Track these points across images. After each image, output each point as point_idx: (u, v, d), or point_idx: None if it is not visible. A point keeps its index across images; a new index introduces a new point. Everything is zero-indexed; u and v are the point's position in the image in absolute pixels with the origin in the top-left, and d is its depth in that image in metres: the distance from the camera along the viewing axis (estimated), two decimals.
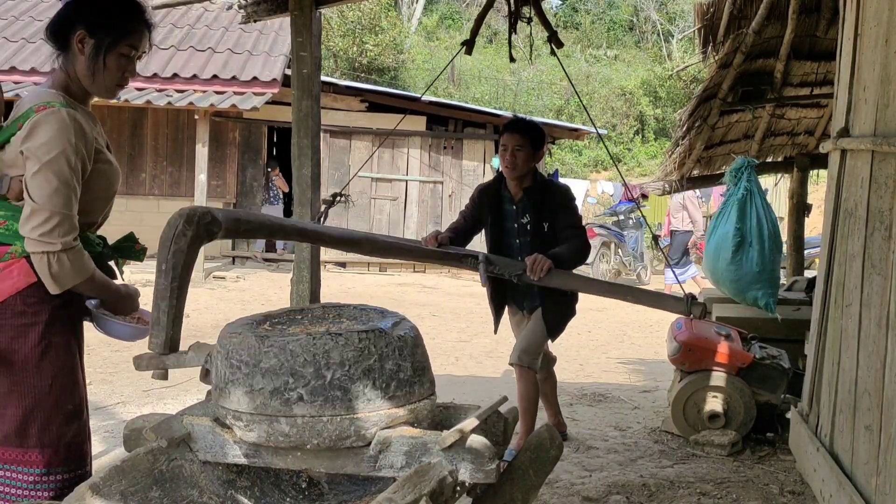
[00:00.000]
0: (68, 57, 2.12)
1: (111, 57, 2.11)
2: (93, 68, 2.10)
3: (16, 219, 2.02)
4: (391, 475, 1.77)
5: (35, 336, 2.04)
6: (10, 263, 2.02)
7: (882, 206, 2.58)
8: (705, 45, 5.76)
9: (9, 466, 2.04)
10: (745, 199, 4.68)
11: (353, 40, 22.65)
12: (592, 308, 9.96)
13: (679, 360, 4.34)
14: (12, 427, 2.03)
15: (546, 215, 3.80)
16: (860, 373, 2.68)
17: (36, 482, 2.03)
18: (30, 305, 2.03)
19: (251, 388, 1.77)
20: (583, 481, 3.65)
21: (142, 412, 4.25)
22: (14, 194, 2.03)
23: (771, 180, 11.76)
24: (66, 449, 2.08)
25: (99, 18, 2.09)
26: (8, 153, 2.03)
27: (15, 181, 2.03)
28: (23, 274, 2.02)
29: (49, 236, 1.95)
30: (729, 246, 4.61)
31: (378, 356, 1.80)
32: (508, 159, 3.79)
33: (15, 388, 2.03)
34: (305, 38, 4.12)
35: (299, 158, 4.20)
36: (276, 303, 8.98)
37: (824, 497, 2.89)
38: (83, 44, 2.09)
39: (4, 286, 2.01)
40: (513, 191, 3.88)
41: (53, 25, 2.13)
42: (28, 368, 2.04)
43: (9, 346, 2.02)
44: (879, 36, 2.70)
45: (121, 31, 2.11)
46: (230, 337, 1.86)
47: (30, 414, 2.03)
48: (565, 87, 25.58)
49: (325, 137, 12.27)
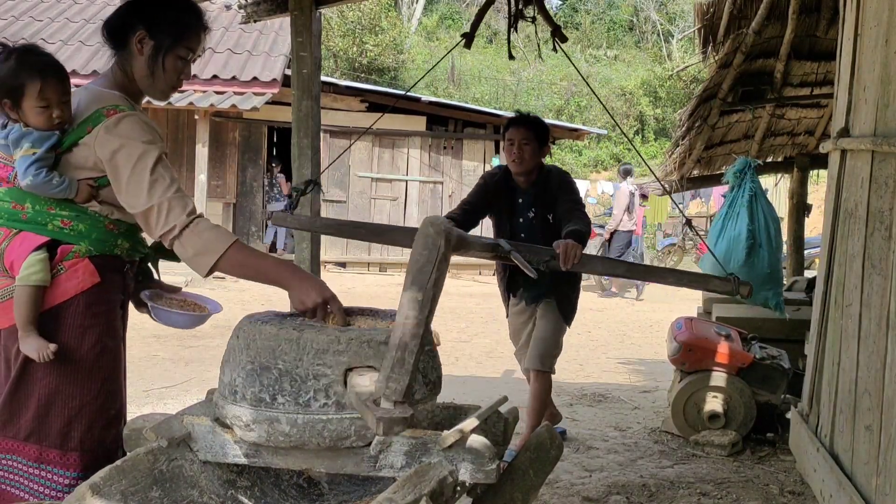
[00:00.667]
0: (124, 57, 2.10)
1: (170, 58, 2.09)
2: (152, 69, 2.08)
3: (80, 220, 2.02)
4: (391, 475, 1.77)
5: (93, 338, 2.04)
6: (74, 262, 2.02)
7: (882, 206, 2.58)
8: (705, 45, 5.76)
9: (47, 467, 2.02)
10: (752, 199, 4.68)
11: (353, 40, 22.66)
12: (592, 308, 9.96)
13: (679, 360, 4.34)
14: (56, 427, 2.02)
15: (549, 205, 3.76)
16: (860, 373, 2.68)
17: (71, 485, 2.01)
18: (91, 306, 2.04)
19: (251, 387, 1.77)
20: (583, 481, 3.65)
21: (142, 412, 4.25)
22: (81, 198, 2.02)
23: (771, 180, 11.76)
24: (104, 454, 2.06)
25: (159, 19, 2.08)
26: (76, 156, 2.01)
27: (83, 184, 2.02)
28: (87, 273, 2.02)
29: (165, 226, 1.93)
30: (742, 248, 4.58)
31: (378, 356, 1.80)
32: (516, 153, 3.75)
33: (63, 388, 2.02)
34: (305, 38, 4.12)
35: (299, 158, 4.20)
36: (276, 303, 8.97)
37: (824, 497, 2.89)
38: (142, 44, 2.07)
39: (70, 285, 2.01)
40: (520, 184, 3.85)
41: (111, 24, 2.11)
42: (82, 369, 2.03)
43: (68, 346, 2.01)
44: (879, 36, 2.70)
45: (180, 33, 2.10)
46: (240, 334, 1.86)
47: (76, 415, 2.03)
48: (565, 87, 25.60)
49: (325, 137, 12.27)
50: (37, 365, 1.99)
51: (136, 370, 5.86)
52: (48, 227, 2.01)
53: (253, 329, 1.83)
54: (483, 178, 3.99)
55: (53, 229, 2.01)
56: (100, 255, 2.05)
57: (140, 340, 6.45)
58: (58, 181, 1.98)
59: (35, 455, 2.02)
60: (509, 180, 3.89)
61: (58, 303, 2.01)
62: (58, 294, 2.00)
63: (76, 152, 2.01)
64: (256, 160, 12.90)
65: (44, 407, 2.01)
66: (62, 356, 2.00)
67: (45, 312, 2.00)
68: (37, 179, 1.96)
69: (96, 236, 2.05)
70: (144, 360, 6.14)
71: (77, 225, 2.03)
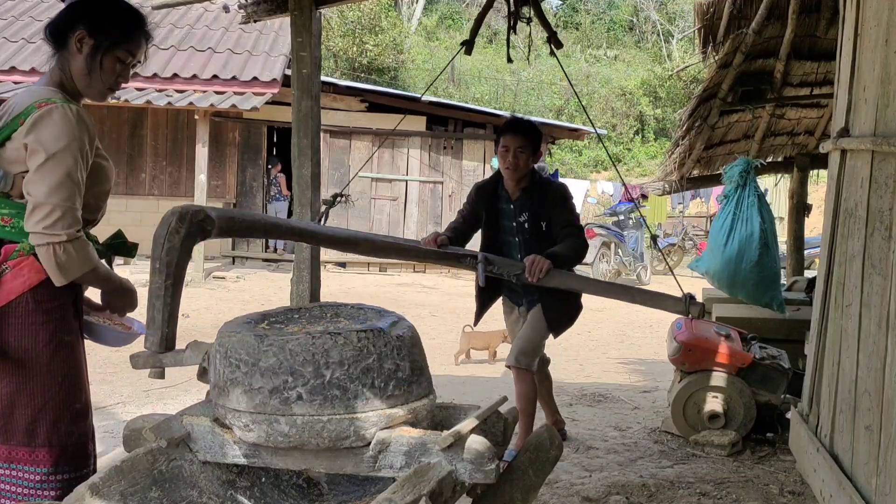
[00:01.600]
0: (65, 56, 2.13)
1: (108, 59, 2.12)
2: (88, 68, 2.11)
3: (21, 216, 2.03)
4: (391, 475, 1.77)
5: (46, 334, 2.05)
6: (19, 261, 2.03)
7: (882, 206, 2.58)
8: (705, 45, 5.76)
9: (16, 465, 2.04)
10: (760, 200, 4.68)
11: (353, 40, 22.66)
12: (592, 308, 9.95)
13: (679, 360, 4.34)
14: (21, 426, 2.03)
15: (543, 214, 3.79)
16: (860, 373, 2.68)
17: (42, 481, 2.03)
18: (41, 303, 2.04)
19: (250, 388, 1.77)
20: (583, 481, 3.65)
21: (142, 412, 4.25)
22: (17, 191, 2.04)
23: (771, 180, 11.76)
24: (73, 448, 2.08)
25: (101, 20, 2.11)
26: (9, 150, 2.03)
27: (18, 178, 2.03)
28: (33, 271, 2.03)
29: (53, 228, 1.95)
30: (755, 248, 4.57)
31: (377, 356, 1.80)
32: (511, 161, 3.76)
33: (24, 387, 2.03)
34: (305, 38, 4.12)
35: (299, 158, 4.20)
36: (276, 303, 8.97)
37: (824, 497, 2.89)
38: (82, 43, 2.10)
39: (15, 284, 2.02)
40: (510, 189, 3.87)
41: (54, 24, 2.15)
42: (39, 367, 2.04)
43: (20, 345, 2.02)
44: (879, 36, 2.70)
45: (121, 35, 2.13)
46: (229, 335, 1.85)
47: (39, 413, 2.03)
48: (565, 87, 25.59)
49: (325, 137, 12.27)
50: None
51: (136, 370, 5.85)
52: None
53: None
54: (470, 193, 4.03)
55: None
56: None
57: (140, 340, 6.44)
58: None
59: (4, 455, 2.04)
60: (498, 187, 3.91)
61: (4, 303, 2.01)
62: (3, 294, 2.01)
63: (9, 147, 2.03)
64: (256, 160, 12.90)
65: (7, 407, 2.03)
66: (18, 356, 2.01)
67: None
68: None
69: None
70: None
71: (18, 222, 2.03)
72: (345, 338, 1.79)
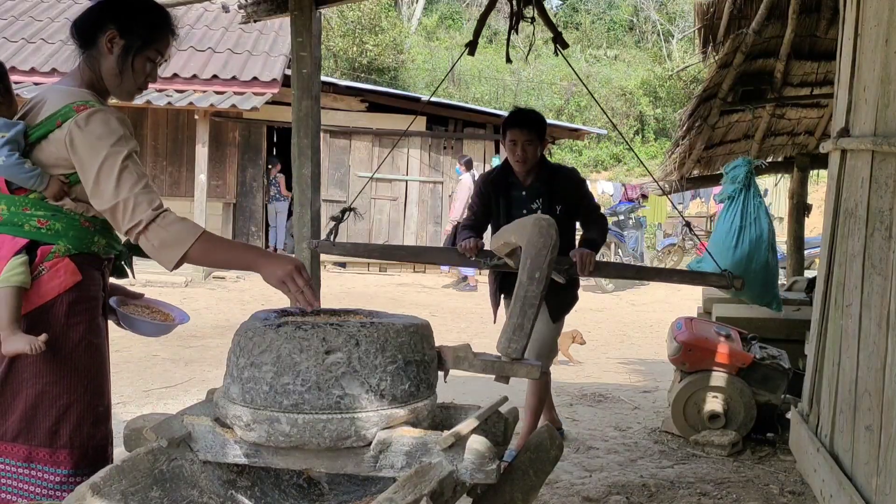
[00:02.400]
0: (93, 55, 2.11)
1: (139, 60, 2.11)
2: (120, 68, 2.09)
3: (56, 218, 2.03)
4: (391, 475, 1.77)
5: (77, 336, 2.05)
6: (55, 262, 2.03)
7: (882, 206, 2.58)
8: (705, 45, 5.76)
9: (37, 466, 2.03)
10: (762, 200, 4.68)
11: (353, 40, 22.66)
12: (592, 308, 9.96)
13: (679, 360, 4.34)
14: (44, 426, 2.03)
15: (558, 199, 3.82)
16: (860, 373, 2.68)
17: (62, 482, 2.03)
18: (74, 305, 2.05)
19: (251, 387, 1.77)
20: (583, 482, 3.65)
21: (142, 412, 4.25)
22: (52, 193, 2.03)
23: (771, 180, 11.76)
24: (93, 451, 2.08)
25: (131, 21, 2.10)
26: (46, 151, 2.02)
27: (54, 180, 2.02)
28: (69, 273, 2.03)
29: (132, 220, 1.94)
30: (765, 248, 4.56)
31: (378, 356, 1.80)
32: (520, 154, 3.79)
33: (51, 388, 2.03)
34: (305, 38, 4.12)
35: (299, 158, 4.20)
36: (276, 303, 8.97)
37: (824, 497, 2.89)
38: (112, 43, 2.08)
39: (51, 286, 2.02)
40: (521, 178, 3.88)
41: (81, 22, 2.13)
42: (67, 368, 2.04)
43: (52, 346, 2.01)
44: (879, 36, 2.70)
45: (151, 35, 2.12)
46: (239, 334, 1.87)
47: (63, 414, 2.03)
48: (565, 87, 25.61)
49: (325, 137, 12.27)
50: (22, 366, 2.00)
51: (136, 370, 5.86)
52: (25, 228, 2.02)
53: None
54: (478, 185, 4.03)
55: (30, 229, 2.02)
56: (78, 254, 2.06)
57: (140, 340, 6.44)
58: (29, 167, 1.99)
59: (24, 455, 2.03)
60: (508, 176, 3.92)
61: (41, 304, 2.01)
62: (41, 295, 2.01)
63: (46, 147, 2.01)
64: (256, 160, 12.90)
65: (31, 407, 2.02)
66: (47, 356, 2.00)
67: (28, 314, 2.00)
68: (9, 160, 1.97)
69: (73, 234, 2.05)
70: (144, 360, 6.14)
71: (54, 224, 2.04)
72: (346, 338, 1.79)
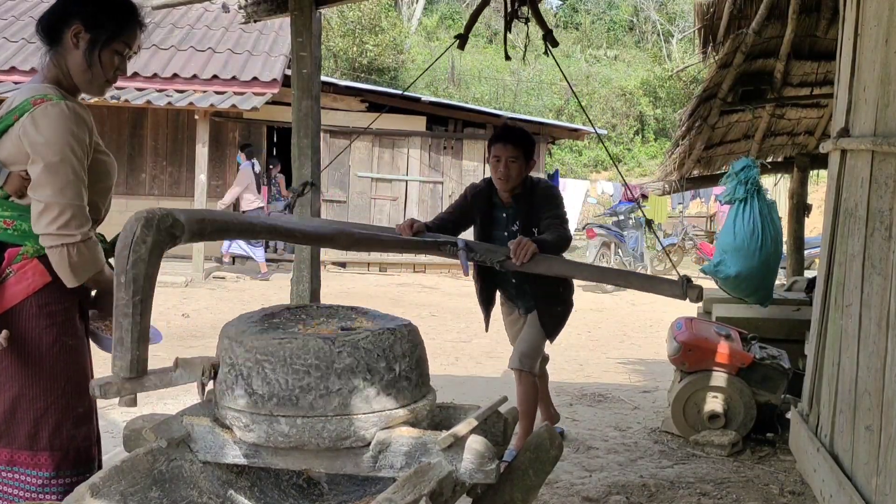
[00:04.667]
0: (59, 52, 2.09)
1: (106, 53, 2.09)
2: (88, 63, 2.07)
3: (24, 219, 2.00)
4: (391, 475, 1.77)
5: (50, 338, 2.03)
6: (23, 264, 2.01)
7: (882, 206, 2.58)
8: (705, 45, 5.76)
9: (18, 469, 2.03)
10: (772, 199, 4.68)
11: (353, 40, 22.67)
12: (592, 308, 9.96)
13: (679, 360, 4.34)
14: (23, 429, 2.02)
15: (534, 219, 3.67)
16: (860, 373, 2.68)
17: (44, 485, 2.02)
18: (44, 307, 2.02)
19: (251, 388, 1.77)
20: (583, 481, 3.65)
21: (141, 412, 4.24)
22: (13, 188, 2.00)
23: (771, 180, 11.75)
24: (75, 452, 2.07)
25: (96, 14, 2.08)
26: (5, 147, 2.00)
27: (14, 176, 2.00)
28: (37, 274, 2.01)
29: (66, 228, 1.93)
30: (780, 247, 4.57)
31: (377, 356, 1.80)
32: (502, 171, 3.66)
33: (27, 391, 2.02)
34: (305, 38, 4.12)
35: (299, 158, 4.19)
36: (276, 303, 8.96)
37: (824, 497, 2.89)
38: (78, 38, 2.06)
39: (19, 288, 2.00)
40: (504, 199, 3.77)
41: (46, 19, 2.10)
42: (42, 371, 2.02)
43: (24, 348, 2.00)
44: (879, 36, 2.70)
45: (117, 28, 2.09)
46: (233, 336, 1.85)
47: (42, 417, 2.02)
48: (565, 87, 25.58)
49: (325, 137, 12.27)
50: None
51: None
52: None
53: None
54: (465, 192, 3.92)
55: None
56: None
57: None
58: None
59: (6, 458, 2.03)
60: (493, 195, 3.80)
61: (8, 307, 1.99)
62: (7, 299, 1.99)
63: (5, 143, 2.00)
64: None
65: (9, 411, 2.01)
66: (22, 359, 1.99)
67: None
68: None
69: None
70: None
71: (20, 224, 2.02)
72: (344, 339, 1.79)
